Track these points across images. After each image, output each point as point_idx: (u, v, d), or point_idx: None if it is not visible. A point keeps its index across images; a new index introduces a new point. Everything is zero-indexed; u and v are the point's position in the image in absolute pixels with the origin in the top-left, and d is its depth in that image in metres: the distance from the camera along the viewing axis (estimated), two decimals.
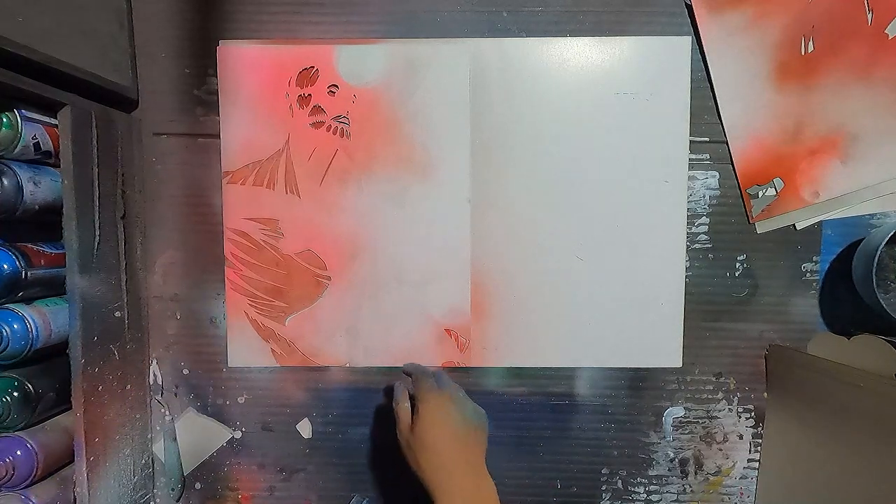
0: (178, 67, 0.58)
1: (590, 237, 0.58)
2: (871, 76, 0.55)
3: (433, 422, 0.44)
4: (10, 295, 0.46)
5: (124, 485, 0.55)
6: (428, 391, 0.47)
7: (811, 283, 0.58)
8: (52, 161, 0.49)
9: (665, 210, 0.57)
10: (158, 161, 0.58)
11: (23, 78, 0.43)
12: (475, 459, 0.44)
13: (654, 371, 0.59)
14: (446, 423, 0.44)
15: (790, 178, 0.57)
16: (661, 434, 0.60)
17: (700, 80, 0.57)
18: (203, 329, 0.59)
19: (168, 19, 0.57)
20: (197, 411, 0.60)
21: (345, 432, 0.60)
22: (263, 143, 0.57)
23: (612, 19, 0.57)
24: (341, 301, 0.58)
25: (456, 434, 0.44)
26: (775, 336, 0.59)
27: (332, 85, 0.57)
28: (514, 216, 0.58)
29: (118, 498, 0.54)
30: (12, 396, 0.46)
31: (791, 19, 0.55)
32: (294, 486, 0.61)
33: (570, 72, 0.57)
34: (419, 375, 0.49)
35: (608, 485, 0.60)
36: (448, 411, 0.45)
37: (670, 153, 0.57)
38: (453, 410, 0.45)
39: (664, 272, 0.58)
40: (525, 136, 0.57)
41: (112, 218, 0.53)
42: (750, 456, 0.60)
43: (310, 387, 0.60)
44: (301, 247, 0.58)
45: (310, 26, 0.57)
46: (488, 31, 0.57)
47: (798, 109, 0.56)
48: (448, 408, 0.45)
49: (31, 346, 0.47)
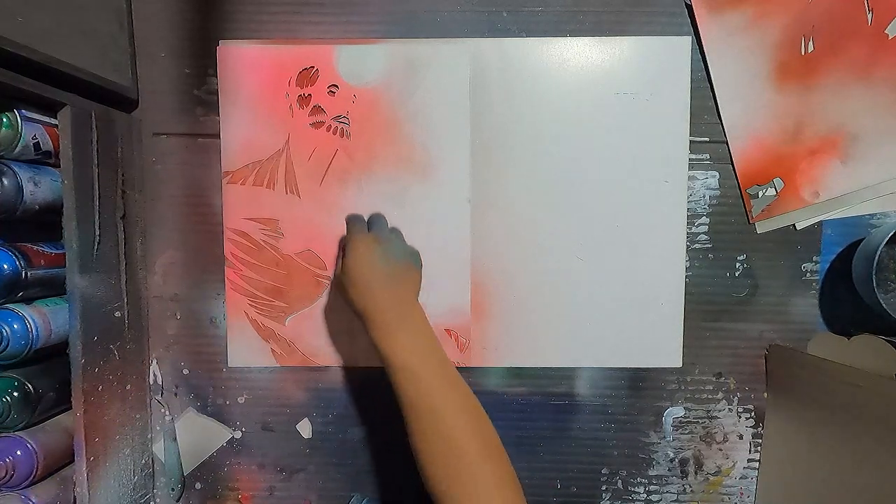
0: (178, 67, 0.58)
1: (590, 237, 0.58)
2: (871, 76, 0.55)
3: (356, 259, 0.46)
4: (10, 295, 0.46)
5: (124, 485, 0.55)
6: (355, 234, 0.49)
7: (811, 283, 0.58)
8: (52, 161, 0.49)
9: (665, 210, 0.57)
10: (158, 161, 0.58)
11: (23, 78, 0.43)
12: (403, 293, 0.46)
13: (654, 371, 0.59)
14: (370, 261, 0.46)
15: (790, 178, 0.57)
16: (661, 434, 0.60)
17: (700, 80, 0.57)
18: (203, 329, 0.59)
19: (168, 19, 0.57)
20: (197, 411, 0.60)
21: (345, 432, 0.60)
22: (263, 143, 0.57)
23: (612, 19, 0.57)
24: (341, 301, 0.58)
25: (381, 269, 0.46)
26: (775, 336, 0.59)
27: (332, 85, 0.57)
28: (514, 216, 0.58)
29: (118, 498, 0.54)
30: (12, 396, 0.46)
31: (791, 19, 0.55)
32: (294, 486, 0.61)
33: (570, 72, 0.57)
34: (350, 221, 0.52)
35: (608, 485, 0.60)
36: (372, 250, 0.47)
37: (670, 153, 0.57)
38: (377, 249, 0.47)
39: (664, 272, 0.58)
40: (525, 136, 0.57)
41: (112, 218, 0.53)
42: (750, 456, 0.60)
43: (310, 387, 0.60)
44: (301, 247, 0.58)
45: (310, 26, 0.57)
46: (488, 31, 0.57)
47: (798, 109, 0.56)
48: (372, 247, 0.47)
49: (31, 346, 0.47)
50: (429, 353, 0.44)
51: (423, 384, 0.42)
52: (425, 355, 0.43)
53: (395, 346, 0.43)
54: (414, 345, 0.43)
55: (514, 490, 0.39)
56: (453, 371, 0.43)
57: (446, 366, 0.43)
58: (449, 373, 0.43)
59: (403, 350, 0.43)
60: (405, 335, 0.43)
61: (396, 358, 0.42)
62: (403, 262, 0.48)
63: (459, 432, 0.40)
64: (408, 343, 0.43)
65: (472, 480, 0.38)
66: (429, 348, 0.44)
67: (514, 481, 0.40)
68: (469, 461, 0.39)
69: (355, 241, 0.48)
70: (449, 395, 0.42)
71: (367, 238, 0.48)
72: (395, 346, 0.43)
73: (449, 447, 0.40)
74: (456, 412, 0.41)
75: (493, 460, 0.40)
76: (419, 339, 0.44)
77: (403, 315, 0.45)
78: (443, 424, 0.40)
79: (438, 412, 0.41)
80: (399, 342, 0.43)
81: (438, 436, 0.40)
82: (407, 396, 0.42)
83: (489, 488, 0.38)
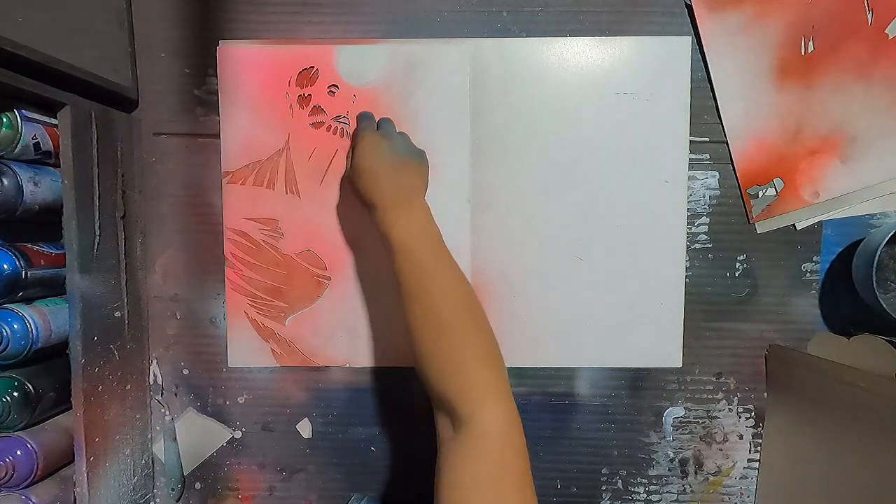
0: (178, 67, 0.58)
1: (590, 237, 0.58)
2: (871, 76, 0.55)
3: (364, 151, 0.48)
4: (10, 295, 0.46)
5: (124, 485, 0.55)
6: (364, 129, 0.51)
7: (811, 283, 0.58)
8: (52, 161, 0.49)
9: (665, 210, 0.57)
10: (158, 161, 0.58)
11: (23, 78, 0.43)
12: (407, 183, 0.47)
13: (654, 371, 0.59)
14: (377, 154, 0.48)
15: (790, 178, 0.57)
16: (661, 434, 0.60)
17: (700, 80, 0.57)
18: (203, 329, 0.59)
19: (168, 19, 0.57)
20: (197, 411, 0.60)
21: (345, 432, 0.60)
22: (263, 143, 0.57)
23: (612, 19, 0.57)
24: (341, 301, 0.58)
25: (387, 160, 0.47)
26: (775, 336, 0.59)
27: (332, 85, 0.57)
28: (514, 216, 0.58)
29: (118, 498, 0.54)
30: (12, 396, 0.46)
31: (791, 19, 0.55)
32: (294, 486, 0.61)
33: (570, 72, 0.57)
34: (360, 118, 0.53)
35: (608, 485, 0.60)
36: (379, 144, 0.48)
37: (670, 153, 0.57)
38: (384, 144, 0.49)
39: (664, 272, 0.58)
40: (525, 136, 0.57)
41: (112, 218, 0.53)
42: (750, 456, 0.60)
43: (310, 387, 0.60)
44: (301, 247, 0.58)
45: (309, 26, 0.57)
46: (488, 31, 0.57)
47: (798, 109, 0.56)
48: (379, 142, 0.49)
49: (31, 346, 0.47)
50: (427, 237, 0.45)
51: (418, 265, 0.43)
52: (423, 238, 0.45)
53: (396, 227, 0.45)
54: (413, 227, 0.45)
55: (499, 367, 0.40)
56: (449, 257, 0.45)
57: (443, 250, 0.45)
58: (444, 257, 0.45)
59: (403, 231, 0.44)
60: (406, 219, 0.45)
61: (396, 239, 0.44)
62: (409, 157, 0.50)
63: (448, 312, 0.41)
64: (407, 225, 0.45)
65: (460, 355, 0.40)
66: (427, 233, 0.45)
67: (499, 359, 0.41)
68: (456, 338, 0.41)
69: (364, 136, 0.49)
70: (443, 278, 0.43)
71: (374, 134, 0.50)
72: (396, 227, 0.45)
73: (439, 325, 0.41)
74: (446, 293, 0.42)
75: (481, 336, 0.41)
76: (419, 223, 0.46)
77: (408, 200, 0.46)
78: (434, 304, 0.42)
79: (431, 293, 0.42)
80: (399, 224, 0.45)
81: (430, 314, 0.42)
82: (404, 277, 0.44)
83: (476, 361, 0.40)
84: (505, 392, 0.39)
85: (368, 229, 0.58)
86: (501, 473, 0.36)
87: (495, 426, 0.37)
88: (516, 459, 0.37)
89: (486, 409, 0.37)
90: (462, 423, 0.37)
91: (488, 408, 0.38)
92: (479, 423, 0.37)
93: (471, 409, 0.37)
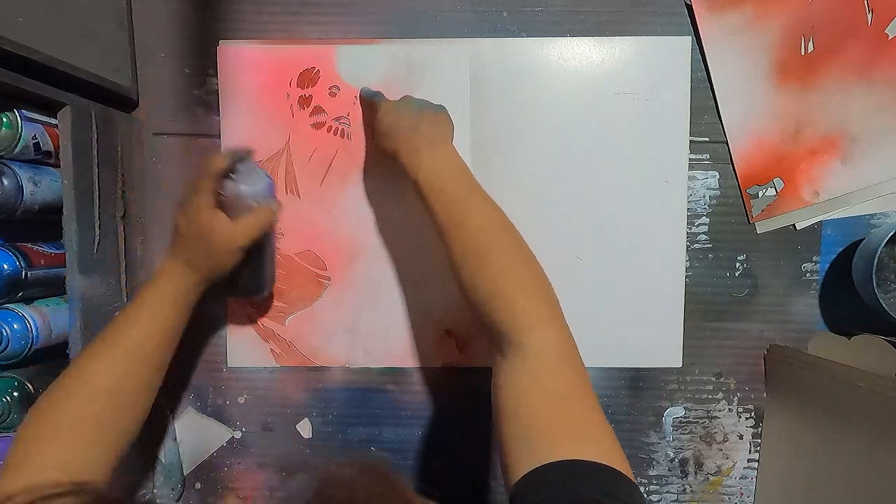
0: (178, 67, 0.58)
1: (590, 237, 0.58)
2: (871, 76, 0.55)
3: (386, 112, 0.48)
4: (10, 295, 0.46)
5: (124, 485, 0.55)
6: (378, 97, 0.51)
7: (811, 283, 0.58)
8: (52, 161, 0.49)
9: (665, 210, 0.57)
10: (158, 161, 0.58)
11: (23, 78, 0.43)
12: (432, 130, 0.47)
13: (654, 371, 0.59)
14: (399, 110, 0.48)
15: (790, 178, 0.57)
16: (661, 434, 0.60)
17: (700, 80, 0.57)
18: (203, 329, 0.59)
19: (168, 19, 0.57)
20: (197, 411, 0.60)
21: (345, 432, 0.60)
22: (264, 143, 0.57)
23: (612, 19, 0.57)
24: (341, 301, 0.58)
25: (409, 113, 0.47)
26: (775, 336, 0.59)
27: (332, 86, 0.57)
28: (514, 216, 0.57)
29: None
30: (12, 396, 0.46)
31: (791, 19, 0.55)
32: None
33: (570, 72, 0.57)
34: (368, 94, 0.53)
35: None
36: (398, 103, 0.49)
37: (670, 153, 0.57)
38: (403, 101, 0.49)
39: (664, 272, 0.58)
40: (525, 136, 0.57)
41: (112, 218, 0.53)
42: (750, 456, 0.60)
43: (310, 387, 0.60)
44: (301, 247, 0.58)
45: (310, 26, 0.57)
46: (488, 31, 0.57)
47: (798, 109, 0.56)
48: (399, 101, 0.49)
49: (31, 346, 0.47)
50: (456, 172, 0.45)
51: (450, 200, 0.43)
52: (452, 174, 0.44)
53: (423, 167, 0.44)
54: (440, 164, 0.45)
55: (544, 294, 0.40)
56: (480, 188, 0.44)
57: (473, 183, 0.45)
58: (475, 188, 0.44)
59: (429, 170, 0.44)
60: (431, 159, 0.45)
61: (424, 179, 0.44)
62: (430, 110, 0.49)
63: (486, 239, 0.41)
64: (433, 164, 0.44)
65: (502, 282, 0.40)
66: (455, 168, 0.45)
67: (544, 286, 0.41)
68: (496, 266, 0.40)
69: (382, 101, 0.49)
70: (476, 207, 0.43)
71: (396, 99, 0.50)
72: (423, 167, 0.44)
73: (477, 253, 0.41)
74: (482, 221, 0.42)
75: (522, 261, 0.41)
76: (445, 160, 0.45)
77: (432, 143, 0.46)
78: (470, 234, 0.42)
79: (466, 225, 0.42)
80: (425, 164, 0.44)
81: (467, 245, 0.41)
82: (437, 215, 0.43)
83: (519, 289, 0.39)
84: (551, 317, 0.39)
85: (368, 229, 0.58)
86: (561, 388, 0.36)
87: (547, 346, 0.37)
88: (573, 374, 0.37)
89: (534, 334, 0.37)
90: (513, 348, 0.38)
91: (536, 333, 0.38)
92: (530, 345, 0.37)
93: (518, 337, 0.38)
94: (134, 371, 0.43)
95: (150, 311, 0.44)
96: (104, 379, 0.41)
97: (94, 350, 0.43)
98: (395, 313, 0.58)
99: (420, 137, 0.46)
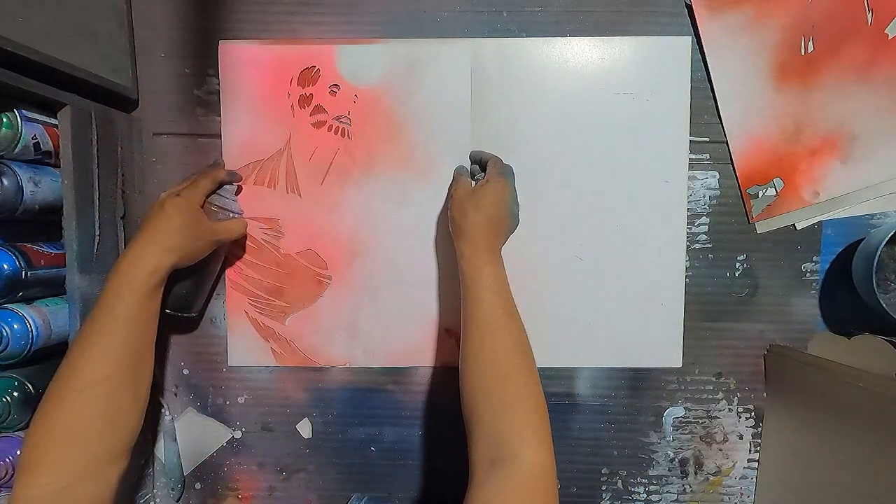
0: (178, 67, 0.58)
1: (590, 237, 0.58)
2: (871, 76, 0.55)
3: (493, 191, 0.50)
4: (10, 295, 0.46)
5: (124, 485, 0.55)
6: (501, 171, 0.52)
7: (811, 283, 0.58)
8: (52, 161, 0.49)
9: (665, 210, 0.57)
10: (158, 161, 0.58)
11: (23, 78, 0.43)
12: (498, 241, 0.50)
13: (654, 371, 0.59)
14: (502, 199, 0.50)
15: (790, 178, 0.57)
16: (661, 434, 0.60)
17: (700, 80, 0.57)
18: (203, 329, 0.59)
19: (168, 19, 0.57)
20: (197, 411, 0.60)
21: (345, 432, 0.60)
22: (264, 142, 0.57)
23: (612, 19, 0.57)
24: (341, 301, 0.58)
25: (503, 211, 0.50)
26: (775, 336, 0.59)
27: (333, 85, 0.57)
28: None
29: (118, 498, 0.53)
30: (12, 396, 0.46)
31: (791, 19, 0.55)
32: (294, 486, 0.61)
33: (570, 72, 0.57)
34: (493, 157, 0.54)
35: (608, 485, 0.61)
36: (507, 193, 0.50)
37: (670, 153, 0.57)
38: (509, 196, 0.51)
39: (664, 272, 0.58)
40: (525, 135, 0.57)
41: (112, 218, 0.53)
42: (750, 456, 0.60)
43: (310, 387, 0.60)
44: (302, 246, 0.58)
45: (310, 26, 0.57)
46: (488, 31, 0.57)
47: (798, 109, 0.56)
48: (508, 190, 0.51)
49: (31, 346, 0.47)
50: (507, 292, 0.48)
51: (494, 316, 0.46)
52: (504, 292, 0.47)
53: (486, 273, 0.47)
54: (498, 279, 0.47)
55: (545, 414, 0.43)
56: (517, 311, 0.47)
57: (514, 306, 0.47)
58: (515, 312, 0.47)
59: (490, 278, 0.47)
60: (493, 268, 0.47)
61: (486, 285, 0.47)
62: (515, 216, 0.52)
63: (513, 363, 0.44)
64: (494, 275, 0.47)
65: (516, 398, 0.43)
66: (507, 287, 0.48)
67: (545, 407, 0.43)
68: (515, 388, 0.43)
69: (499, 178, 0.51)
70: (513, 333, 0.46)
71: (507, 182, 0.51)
72: (486, 273, 0.47)
73: (501, 373, 0.44)
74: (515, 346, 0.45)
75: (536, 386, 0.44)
76: (502, 277, 0.48)
77: (494, 250, 0.49)
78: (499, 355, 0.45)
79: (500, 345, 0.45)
80: (487, 271, 0.47)
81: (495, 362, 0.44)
82: (477, 321, 0.46)
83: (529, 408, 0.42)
84: (548, 438, 0.42)
85: (369, 228, 0.58)
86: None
87: (539, 465, 0.40)
88: (552, 499, 0.40)
89: (531, 449, 0.40)
90: (506, 459, 0.40)
91: (533, 448, 0.40)
92: (524, 459, 0.39)
93: (517, 447, 0.40)
94: (125, 356, 0.44)
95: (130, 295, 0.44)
96: (99, 368, 0.42)
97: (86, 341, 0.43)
98: (395, 313, 0.58)
99: (499, 243, 0.49)
